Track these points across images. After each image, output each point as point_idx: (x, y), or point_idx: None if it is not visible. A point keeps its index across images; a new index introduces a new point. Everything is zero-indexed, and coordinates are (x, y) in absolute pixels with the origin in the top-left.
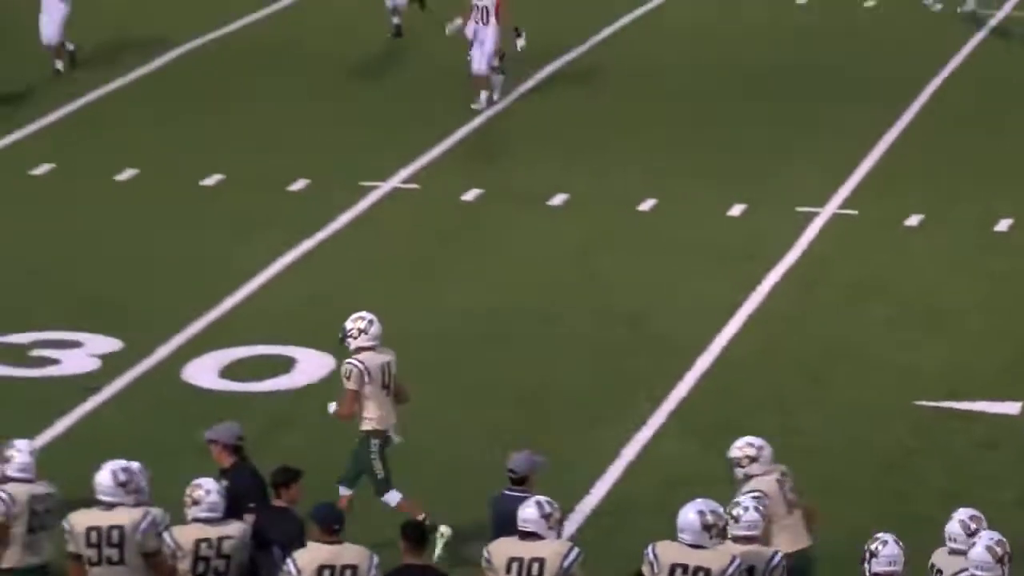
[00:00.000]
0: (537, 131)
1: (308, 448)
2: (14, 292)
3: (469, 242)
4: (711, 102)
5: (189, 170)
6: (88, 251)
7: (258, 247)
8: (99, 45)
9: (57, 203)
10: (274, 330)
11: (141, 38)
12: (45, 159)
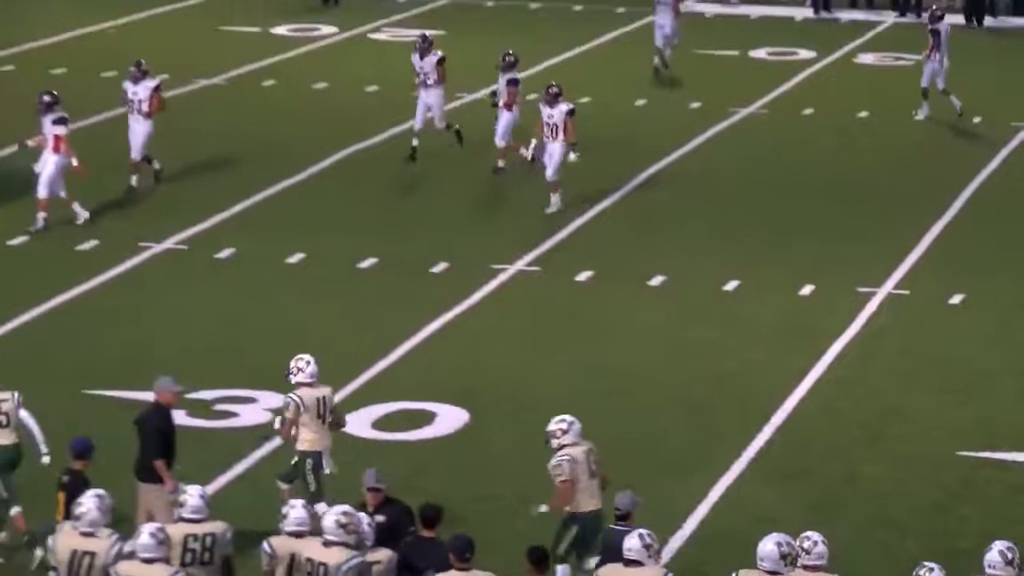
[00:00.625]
0: (641, 223)
1: (447, 489)
2: (201, 357)
3: (581, 316)
4: (786, 199)
5: (347, 254)
6: (263, 322)
7: (405, 319)
8: (264, 147)
9: (238, 282)
10: (418, 389)
11: (302, 142)
12: (229, 245)
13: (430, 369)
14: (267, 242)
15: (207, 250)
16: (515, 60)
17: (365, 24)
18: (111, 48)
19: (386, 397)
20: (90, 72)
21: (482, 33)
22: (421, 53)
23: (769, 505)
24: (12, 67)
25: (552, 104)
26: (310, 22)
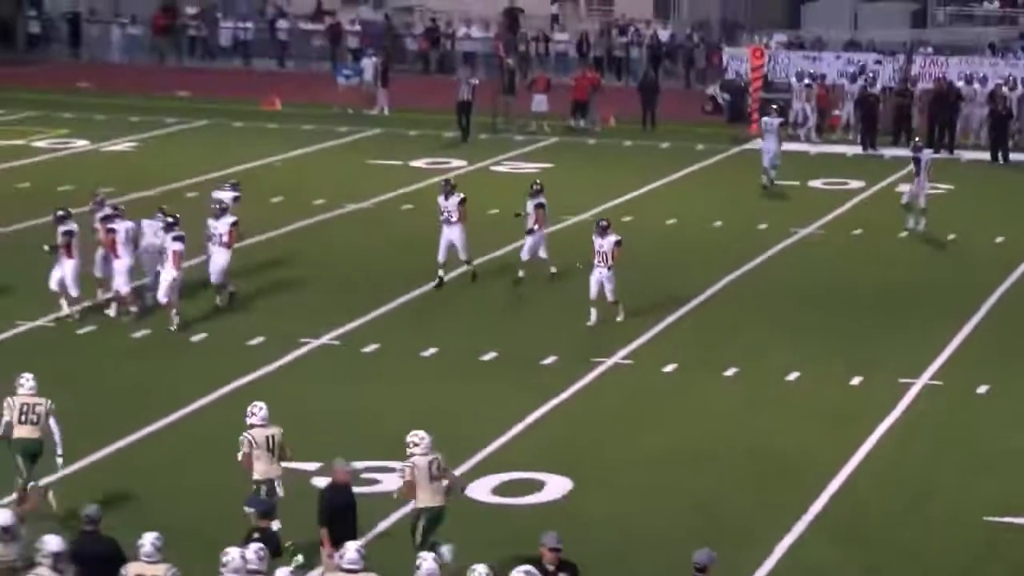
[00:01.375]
0: (718, 323)
1: None
2: (351, 432)
3: (666, 401)
4: (839, 305)
5: (471, 349)
6: (402, 405)
7: (520, 403)
8: (403, 260)
9: (381, 372)
10: (530, 461)
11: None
12: (374, 341)
13: (540, 444)
14: (405, 338)
15: (356, 345)
16: (541, 188)
17: (488, 159)
18: (278, 177)
19: (503, 468)
20: (261, 198)
21: (585, 166)
22: (445, 194)
23: (825, 564)
24: (196, 193)
25: (603, 235)
26: (443, 157)
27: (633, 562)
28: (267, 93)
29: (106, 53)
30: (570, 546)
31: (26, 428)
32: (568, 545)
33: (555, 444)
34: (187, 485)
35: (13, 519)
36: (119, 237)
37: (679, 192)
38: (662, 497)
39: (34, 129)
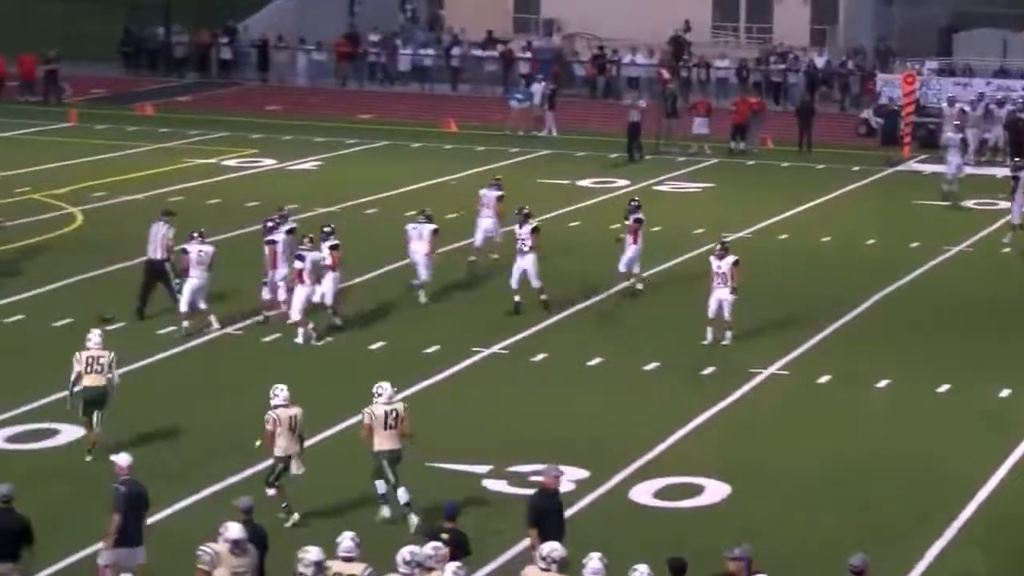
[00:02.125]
0: (870, 337)
1: (713, 549)
2: (519, 437)
3: (821, 410)
4: (989, 319)
5: (637, 359)
6: (567, 411)
7: (681, 411)
8: (571, 275)
9: (548, 380)
10: (690, 466)
11: (596, 273)
12: (542, 351)
13: (700, 451)
14: (571, 348)
15: (525, 355)
16: (639, 205)
17: (651, 178)
18: (453, 195)
19: (664, 472)
20: (437, 215)
21: (744, 186)
22: (520, 223)
23: (974, 571)
24: (376, 210)
25: (721, 257)
26: (609, 176)
27: (789, 566)
28: (443, 116)
29: (292, 78)
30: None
31: (92, 377)
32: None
33: (714, 450)
34: (352, 486)
35: (243, 532)
36: (278, 248)
37: (834, 211)
38: (817, 503)
39: (225, 149)
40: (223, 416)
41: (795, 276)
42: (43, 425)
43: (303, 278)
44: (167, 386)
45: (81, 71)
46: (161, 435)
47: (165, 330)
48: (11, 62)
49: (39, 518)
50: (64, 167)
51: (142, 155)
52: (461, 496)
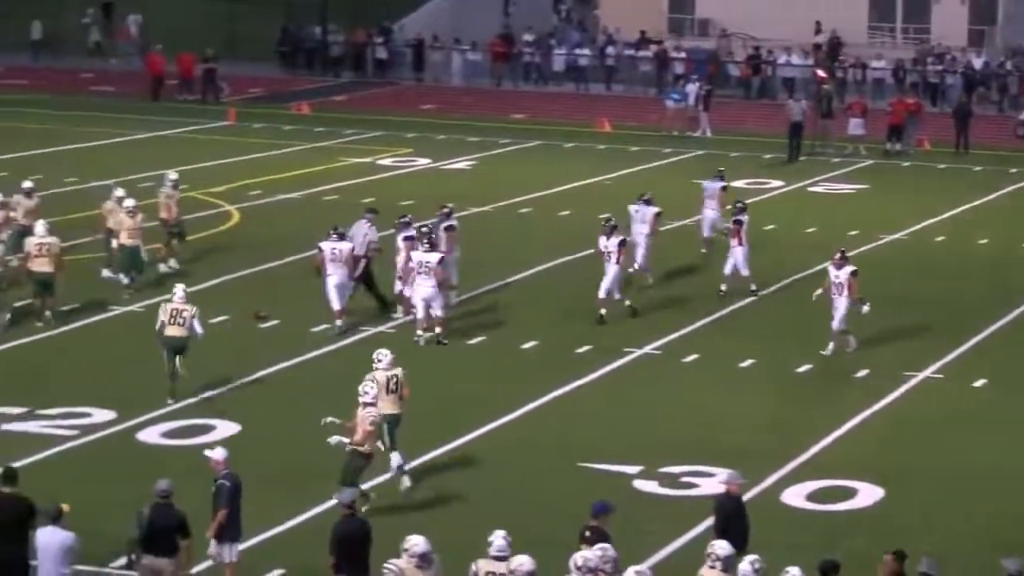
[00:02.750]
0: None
1: (864, 551)
2: (668, 438)
3: (978, 414)
4: None
5: (789, 361)
6: (719, 412)
7: (832, 414)
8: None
9: (700, 381)
10: (843, 469)
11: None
12: (694, 352)
13: (854, 454)
14: (724, 349)
15: (677, 355)
16: (743, 207)
17: (805, 179)
18: (607, 195)
19: (817, 475)
20: (590, 213)
21: (899, 187)
22: (607, 234)
23: None
24: (529, 209)
25: (840, 267)
26: (762, 177)
27: (943, 570)
28: (597, 115)
29: (447, 77)
30: (879, 554)
31: (174, 328)
32: (877, 553)
33: (868, 454)
34: (504, 486)
35: (428, 545)
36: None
37: (991, 213)
38: (970, 507)
39: (380, 148)
40: None
41: (952, 278)
42: (198, 421)
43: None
44: (315, 384)
45: (239, 70)
46: (312, 433)
47: (318, 328)
48: (171, 61)
49: (195, 513)
50: (221, 165)
51: (298, 154)
52: (611, 496)
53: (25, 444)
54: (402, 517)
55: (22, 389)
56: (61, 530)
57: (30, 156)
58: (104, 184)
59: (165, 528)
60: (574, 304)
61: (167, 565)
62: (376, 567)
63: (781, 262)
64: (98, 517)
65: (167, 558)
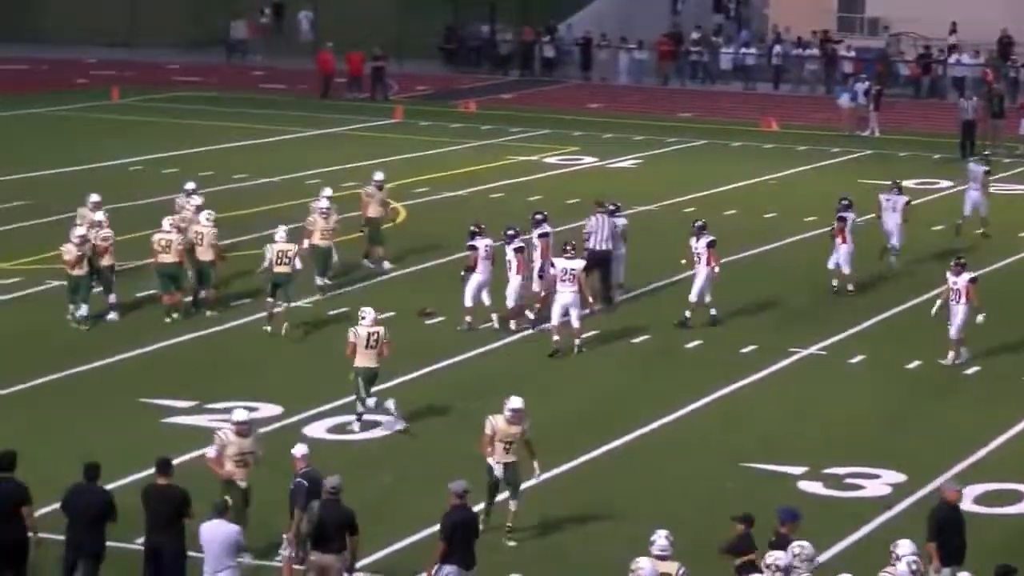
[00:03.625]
0: None
1: None
2: (835, 439)
3: None
4: None
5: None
6: (877, 411)
7: (999, 417)
8: (889, 277)
9: (865, 382)
10: (1014, 472)
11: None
12: (859, 352)
13: (1022, 457)
14: (890, 351)
15: (842, 356)
16: (848, 204)
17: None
18: (773, 194)
19: (986, 478)
20: (755, 212)
21: None
22: (696, 235)
23: None
24: (694, 208)
25: (957, 273)
26: (932, 177)
27: None
28: (764, 114)
29: (614, 76)
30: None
31: (280, 267)
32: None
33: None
34: (666, 485)
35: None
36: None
37: None
38: None
39: (546, 146)
40: None
41: None
42: (364, 416)
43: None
44: (478, 382)
45: (404, 68)
46: (463, 429)
47: (484, 325)
48: (340, 59)
49: (360, 508)
50: (389, 162)
51: (465, 152)
52: (775, 497)
53: (193, 437)
54: (565, 514)
55: (191, 383)
56: (226, 523)
57: (201, 153)
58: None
59: (334, 524)
60: (738, 304)
61: (334, 562)
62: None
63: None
64: (263, 511)
65: (334, 555)
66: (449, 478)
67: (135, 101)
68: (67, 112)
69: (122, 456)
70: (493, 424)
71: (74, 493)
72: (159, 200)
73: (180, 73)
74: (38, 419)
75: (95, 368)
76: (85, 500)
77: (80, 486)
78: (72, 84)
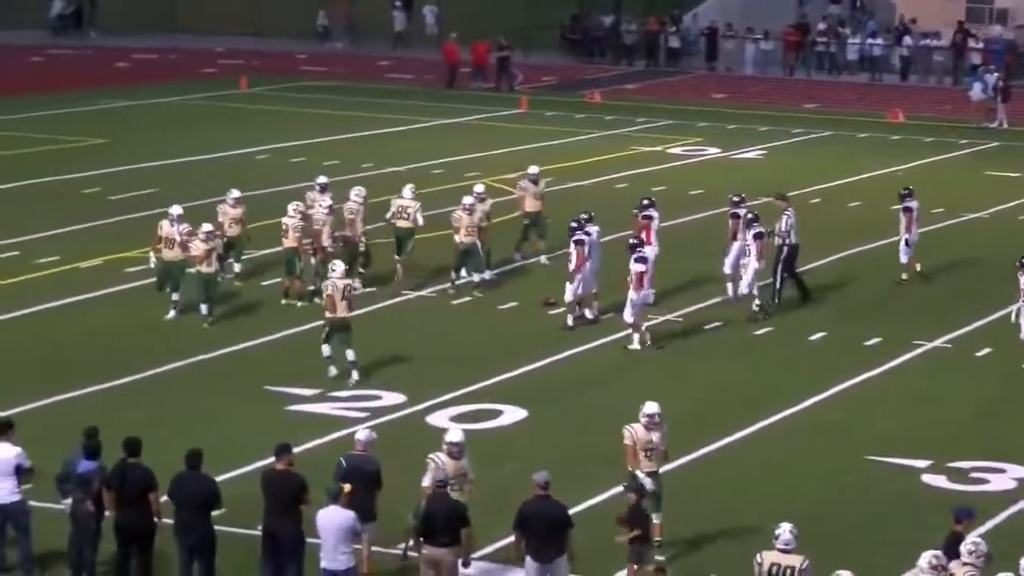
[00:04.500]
0: None
1: None
2: (959, 434)
3: None
4: None
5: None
6: (1006, 406)
7: None
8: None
9: (992, 374)
10: None
11: None
12: (986, 345)
13: None
14: (1017, 345)
15: (968, 349)
16: (908, 192)
17: None
18: (899, 186)
19: None
20: (881, 204)
21: None
22: (746, 226)
23: None
24: (819, 200)
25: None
26: None
27: None
28: (891, 106)
29: (739, 66)
30: None
31: (401, 221)
32: None
33: None
34: (790, 477)
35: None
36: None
37: None
38: None
39: (670, 136)
40: None
41: None
42: (487, 406)
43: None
44: (599, 371)
45: (527, 58)
46: (595, 420)
47: (606, 315)
48: (465, 49)
49: (484, 498)
50: (513, 153)
51: (589, 142)
52: (898, 491)
53: (316, 425)
54: (687, 508)
55: (315, 371)
56: (342, 509)
57: (327, 142)
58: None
59: (443, 518)
60: (863, 296)
61: (445, 555)
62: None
63: None
64: (383, 499)
65: (446, 548)
66: (569, 467)
67: (263, 90)
68: (195, 101)
69: (245, 444)
70: (632, 433)
71: (179, 481)
72: (287, 189)
73: (307, 63)
74: (165, 406)
75: (220, 356)
76: (190, 488)
77: (184, 474)
78: (200, 73)
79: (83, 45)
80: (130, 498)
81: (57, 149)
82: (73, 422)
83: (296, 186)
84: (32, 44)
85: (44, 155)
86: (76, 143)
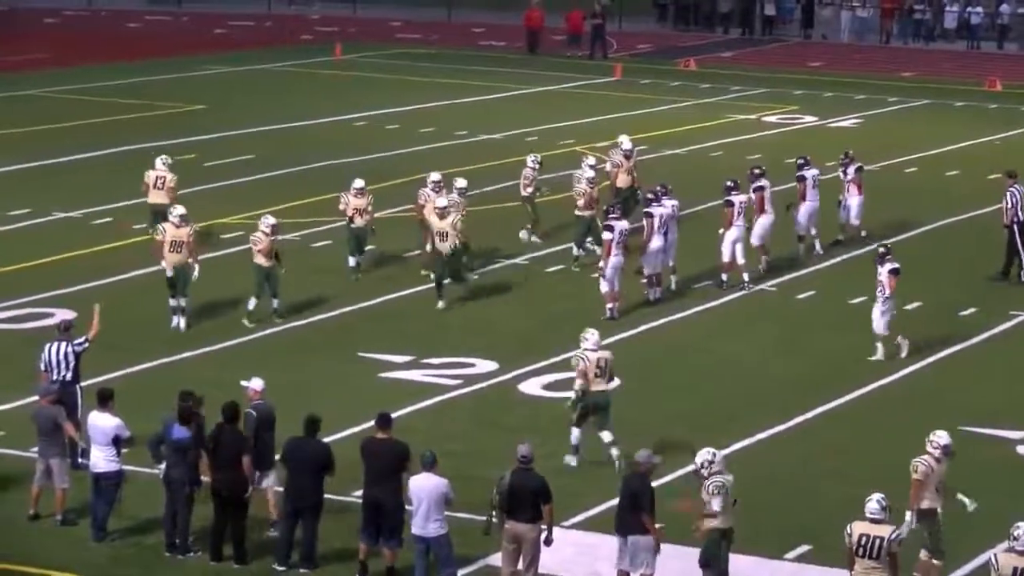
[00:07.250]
0: None
1: None
2: None
3: None
4: None
5: None
6: None
7: None
8: None
9: None
10: None
11: None
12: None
13: None
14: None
15: None
16: (806, 161)
17: None
18: (996, 155)
19: None
20: (978, 174)
21: None
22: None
23: None
24: (915, 169)
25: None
26: None
27: None
28: (988, 75)
29: (836, 34)
30: None
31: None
32: None
33: None
34: (882, 447)
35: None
36: (735, 209)
37: None
38: None
39: (766, 105)
40: (754, 378)
41: None
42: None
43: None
44: (692, 337)
45: (626, 27)
46: (710, 384)
47: (700, 284)
48: (557, 18)
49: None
50: (607, 120)
51: (683, 110)
52: (992, 461)
53: (409, 392)
54: (780, 473)
55: (409, 338)
56: (435, 476)
57: (423, 109)
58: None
59: (525, 493)
60: (960, 266)
61: (528, 531)
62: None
63: None
64: (475, 465)
65: (528, 523)
66: (661, 433)
67: (358, 57)
68: (291, 68)
69: (340, 409)
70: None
71: (294, 446)
72: (384, 156)
73: (402, 30)
74: (262, 371)
75: (317, 320)
76: (304, 452)
77: (299, 439)
78: (296, 40)
79: (179, 12)
80: (225, 461)
81: (152, 116)
82: (172, 385)
83: (392, 153)
84: (129, 10)
85: (139, 121)
86: (172, 109)
